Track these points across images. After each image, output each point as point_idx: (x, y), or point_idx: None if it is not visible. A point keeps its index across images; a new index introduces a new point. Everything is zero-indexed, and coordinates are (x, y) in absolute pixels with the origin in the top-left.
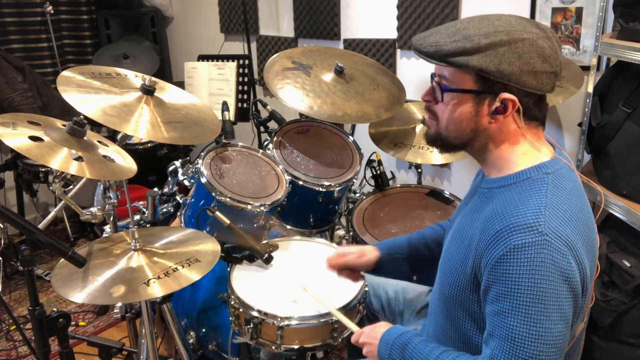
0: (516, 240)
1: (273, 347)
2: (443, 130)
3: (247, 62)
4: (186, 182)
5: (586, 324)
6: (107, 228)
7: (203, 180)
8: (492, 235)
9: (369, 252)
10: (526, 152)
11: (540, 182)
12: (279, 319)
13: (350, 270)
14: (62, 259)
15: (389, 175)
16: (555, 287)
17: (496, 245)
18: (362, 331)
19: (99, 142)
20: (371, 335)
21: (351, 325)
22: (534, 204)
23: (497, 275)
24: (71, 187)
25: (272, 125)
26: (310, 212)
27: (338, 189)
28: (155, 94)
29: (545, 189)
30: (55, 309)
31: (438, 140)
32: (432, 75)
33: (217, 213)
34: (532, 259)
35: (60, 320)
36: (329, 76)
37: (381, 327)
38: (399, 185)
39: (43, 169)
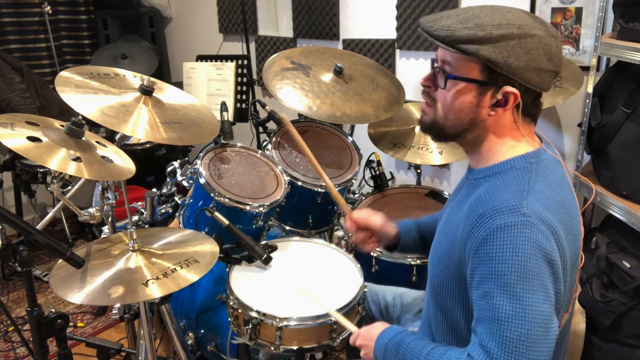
0: (499, 221)
1: (272, 348)
2: (440, 118)
3: (245, 62)
4: (185, 183)
5: (571, 314)
6: (106, 229)
7: (202, 180)
8: (476, 219)
9: (391, 226)
10: (514, 145)
11: (523, 170)
12: (277, 320)
13: (366, 235)
14: (60, 260)
15: (388, 176)
16: (539, 266)
17: (479, 227)
18: (359, 332)
19: (97, 142)
20: (367, 337)
21: (349, 325)
22: (517, 189)
23: (481, 257)
24: (69, 187)
25: (271, 125)
26: (309, 213)
27: (337, 189)
28: (154, 94)
29: (529, 177)
30: (53, 310)
31: (433, 128)
32: (433, 60)
33: (216, 214)
34: (514, 238)
35: (59, 321)
36: (328, 76)
37: (376, 329)
38: (398, 186)
39: (41, 170)
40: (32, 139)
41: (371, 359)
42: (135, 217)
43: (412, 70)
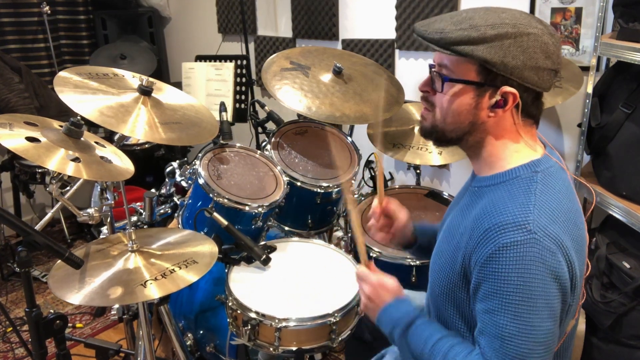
0: (505, 239)
1: (271, 349)
2: (439, 122)
3: (245, 62)
4: (184, 183)
5: (577, 321)
6: (104, 229)
7: (201, 181)
8: (481, 234)
9: (410, 227)
10: (518, 150)
11: (529, 180)
12: (276, 321)
13: (386, 223)
14: (59, 261)
15: (388, 176)
16: (544, 285)
17: (485, 243)
18: (371, 281)
19: (96, 143)
20: (376, 295)
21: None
22: (523, 202)
23: (487, 274)
24: (68, 188)
25: (270, 126)
26: (308, 214)
27: (336, 190)
28: (153, 94)
29: (535, 188)
30: (52, 311)
31: (433, 133)
32: (431, 66)
33: (215, 214)
34: (520, 257)
35: (57, 322)
36: (327, 77)
37: (389, 291)
38: (397, 186)
39: (40, 170)
40: (30, 139)
41: (370, 314)
42: (134, 218)
43: (412, 70)
